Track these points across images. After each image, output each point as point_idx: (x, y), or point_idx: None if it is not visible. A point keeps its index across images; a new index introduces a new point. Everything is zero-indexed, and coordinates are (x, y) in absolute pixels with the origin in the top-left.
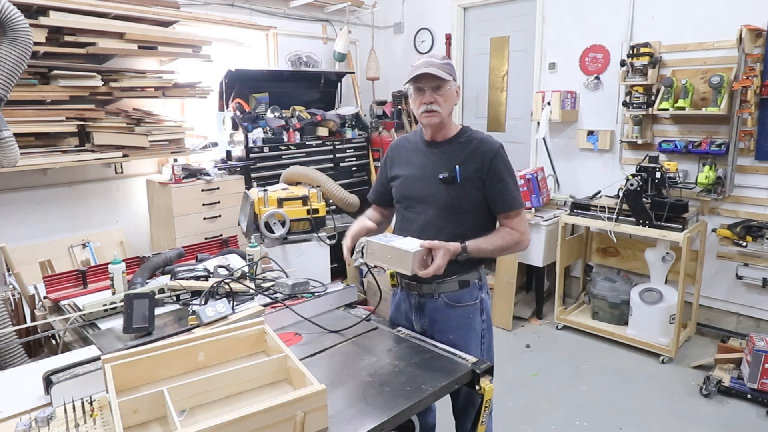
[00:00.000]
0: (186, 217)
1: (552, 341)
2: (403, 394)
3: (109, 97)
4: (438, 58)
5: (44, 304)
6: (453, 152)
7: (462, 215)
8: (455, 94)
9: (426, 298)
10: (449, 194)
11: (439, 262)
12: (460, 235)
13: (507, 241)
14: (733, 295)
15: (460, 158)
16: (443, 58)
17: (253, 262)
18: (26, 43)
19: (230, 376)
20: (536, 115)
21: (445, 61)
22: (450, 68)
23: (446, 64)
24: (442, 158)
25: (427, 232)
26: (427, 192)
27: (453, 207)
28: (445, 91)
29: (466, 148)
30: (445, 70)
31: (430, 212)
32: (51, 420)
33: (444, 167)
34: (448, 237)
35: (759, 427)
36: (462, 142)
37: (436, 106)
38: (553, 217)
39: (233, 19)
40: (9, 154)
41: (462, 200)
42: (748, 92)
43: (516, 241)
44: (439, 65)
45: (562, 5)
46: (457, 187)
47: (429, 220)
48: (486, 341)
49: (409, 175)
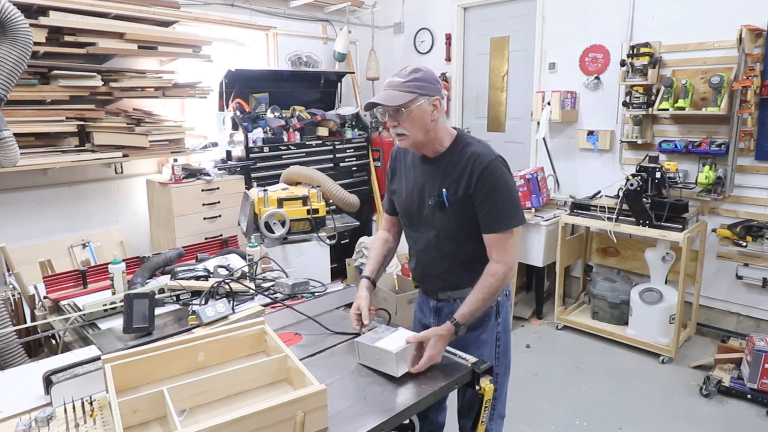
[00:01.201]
0: (186, 217)
1: (552, 341)
2: (403, 394)
3: (109, 97)
4: (403, 75)
5: (44, 304)
6: (443, 170)
7: (461, 239)
8: (431, 110)
9: (443, 303)
10: (442, 219)
11: (431, 353)
12: (463, 259)
13: (490, 286)
14: (733, 295)
15: (449, 179)
16: (411, 73)
17: (253, 262)
18: (26, 43)
19: (230, 376)
20: (536, 115)
21: (411, 77)
22: (417, 84)
23: (411, 81)
24: (434, 177)
25: (431, 253)
26: (422, 215)
27: (448, 232)
28: (407, 113)
29: (457, 163)
30: (406, 89)
31: (431, 234)
32: (51, 420)
33: (433, 190)
34: (451, 260)
35: (759, 427)
36: (454, 156)
37: (402, 129)
38: (553, 217)
39: (233, 19)
40: (9, 154)
41: (456, 225)
42: (748, 92)
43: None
44: (400, 84)
45: (562, 5)
46: (448, 212)
47: (430, 242)
48: (502, 344)
49: (406, 194)
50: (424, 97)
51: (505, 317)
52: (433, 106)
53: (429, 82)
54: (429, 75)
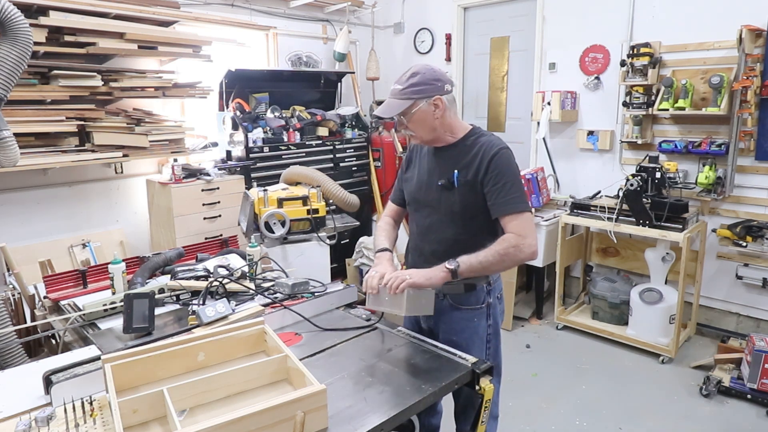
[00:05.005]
0: (186, 217)
1: (552, 341)
2: (403, 394)
3: (109, 97)
4: (401, 82)
5: (44, 304)
6: (456, 157)
7: (465, 221)
8: (433, 109)
9: None
10: (449, 200)
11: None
12: (464, 241)
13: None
14: (733, 295)
15: (461, 163)
16: (409, 78)
17: (253, 262)
18: (26, 43)
19: (230, 376)
20: (536, 115)
21: (409, 83)
22: (414, 89)
23: (409, 87)
24: (446, 163)
25: (431, 235)
26: (429, 197)
27: (453, 213)
28: (411, 117)
29: (469, 151)
30: (405, 96)
31: (435, 217)
32: (51, 420)
33: (444, 173)
34: (452, 242)
35: (759, 427)
36: (467, 145)
37: (411, 131)
38: (553, 217)
39: (233, 19)
40: (9, 154)
41: (461, 206)
42: (748, 92)
43: (513, 248)
44: (399, 92)
45: (562, 5)
46: (456, 193)
47: (433, 224)
48: (492, 346)
49: (418, 179)
50: (422, 100)
51: (496, 319)
52: (434, 106)
53: (427, 84)
54: (427, 76)
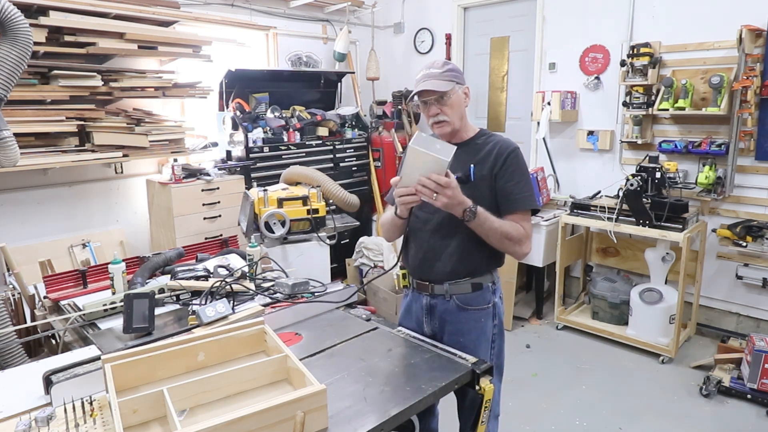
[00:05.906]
0: (186, 217)
1: (552, 341)
2: (403, 394)
3: (109, 97)
4: (438, 67)
5: (44, 304)
6: (469, 153)
7: None
8: (464, 97)
9: (437, 300)
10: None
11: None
12: (468, 246)
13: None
14: (733, 295)
15: (476, 158)
16: (444, 65)
17: (253, 262)
18: (26, 43)
19: (230, 376)
20: (536, 115)
21: (446, 68)
22: (452, 74)
23: (447, 71)
24: (459, 159)
25: (441, 232)
26: None
27: None
28: (449, 99)
29: (482, 148)
30: (446, 78)
31: (443, 214)
32: (51, 420)
33: (459, 167)
34: (462, 238)
35: (759, 427)
36: (479, 143)
37: (443, 116)
38: (553, 217)
39: (233, 19)
40: (9, 154)
41: (476, 200)
42: (748, 92)
43: (519, 236)
44: (439, 75)
45: (562, 5)
46: (471, 187)
47: (442, 220)
48: (496, 346)
49: None
50: (459, 85)
51: (501, 319)
52: (465, 94)
53: (460, 72)
54: (457, 67)
